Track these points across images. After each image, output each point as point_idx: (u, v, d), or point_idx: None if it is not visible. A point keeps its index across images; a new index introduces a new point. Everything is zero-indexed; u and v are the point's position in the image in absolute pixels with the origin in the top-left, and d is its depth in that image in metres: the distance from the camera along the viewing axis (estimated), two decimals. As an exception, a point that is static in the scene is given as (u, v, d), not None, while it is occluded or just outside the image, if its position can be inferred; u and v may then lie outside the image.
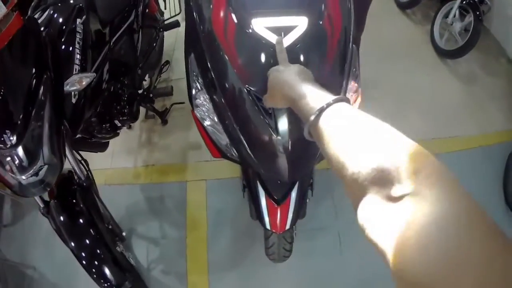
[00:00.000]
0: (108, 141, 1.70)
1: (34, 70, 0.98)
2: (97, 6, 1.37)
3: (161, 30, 2.14)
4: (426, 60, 2.78)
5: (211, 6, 1.01)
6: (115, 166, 2.11)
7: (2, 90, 0.89)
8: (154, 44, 2.10)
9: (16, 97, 0.93)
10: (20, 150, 0.92)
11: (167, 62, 2.25)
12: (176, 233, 1.85)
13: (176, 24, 2.15)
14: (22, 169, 0.94)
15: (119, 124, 1.66)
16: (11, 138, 0.90)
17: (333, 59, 0.95)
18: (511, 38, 3.02)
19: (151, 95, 1.93)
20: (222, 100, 0.97)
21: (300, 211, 1.15)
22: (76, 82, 1.07)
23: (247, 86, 0.92)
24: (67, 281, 1.79)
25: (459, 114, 2.46)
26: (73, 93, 1.12)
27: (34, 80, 0.97)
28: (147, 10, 1.99)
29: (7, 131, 0.89)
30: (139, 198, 1.98)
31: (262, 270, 1.71)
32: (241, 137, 0.96)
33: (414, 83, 2.57)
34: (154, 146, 2.20)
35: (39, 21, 1.11)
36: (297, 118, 0.89)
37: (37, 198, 1.19)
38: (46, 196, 1.23)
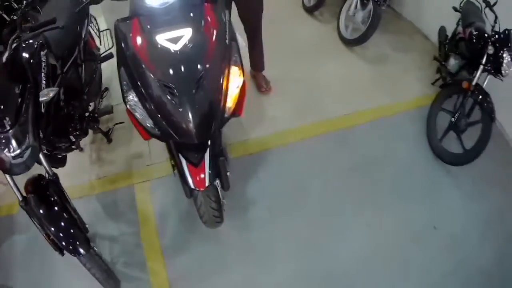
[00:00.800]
0: (66, 157, 2.06)
1: (21, 82, 1.46)
2: (51, 44, 1.85)
3: (99, 62, 2.58)
4: (335, 52, 3.35)
5: (131, 34, 1.50)
6: (73, 184, 2.39)
7: (4, 96, 1.38)
8: (94, 75, 2.53)
9: (11, 98, 1.40)
10: (12, 133, 1.35)
11: (106, 89, 2.69)
12: (131, 229, 2.20)
13: (110, 56, 2.62)
14: (12, 149, 1.34)
15: (73, 139, 2.06)
16: (8, 124, 1.34)
17: (213, 53, 1.46)
18: (424, 16, 3.59)
19: (96, 115, 2.33)
20: (144, 93, 1.44)
21: (214, 170, 1.57)
22: (46, 94, 1.51)
23: (159, 80, 1.38)
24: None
25: (372, 89, 2.97)
26: (42, 104, 1.55)
27: (22, 88, 1.45)
28: (86, 47, 2.44)
29: (6, 118, 1.34)
30: (97, 206, 2.31)
31: (207, 244, 2.10)
32: (159, 116, 1.41)
33: (325, 72, 3.12)
34: (103, 162, 2.58)
35: None
36: (195, 95, 1.35)
37: (17, 194, 1.55)
38: (23, 193, 1.58)
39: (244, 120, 2.71)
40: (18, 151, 1.36)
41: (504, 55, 2.20)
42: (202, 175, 1.53)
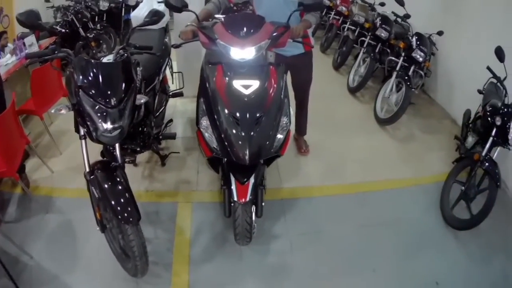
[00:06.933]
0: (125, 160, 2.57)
1: (128, 80, 1.97)
2: (141, 65, 2.49)
3: (170, 95, 3.25)
4: (368, 129, 4.02)
5: (216, 73, 2.11)
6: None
7: (117, 82, 1.89)
8: (163, 106, 3.20)
9: (119, 88, 1.89)
10: (113, 111, 1.83)
11: (171, 120, 3.33)
12: (167, 236, 2.65)
13: (181, 94, 3.32)
14: (110, 121, 1.80)
15: (137, 149, 2.63)
16: (113, 102, 1.83)
17: (271, 103, 2.05)
18: (454, 101, 4.22)
19: (160, 137, 2.93)
20: (216, 119, 2.00)
21: (254, 192, 2.07)
22: (139, 99, 2.10)
23: (230, 112, 1.96)
24: (63, 274, 2.35)
25: (395, 163, 3.49)
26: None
27: (127, 84, 1.95)
28: (162, 81, 3.14)
29: (113, 97, 1.83)
30: (140, 211, 2.79)
31: (229, 261, 2.49)
32: (224, 138, 1.97)
33: (357, 144, 3.75)
34: (153, 179, 3.16)
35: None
36: (253, 129, 1.89)
37: (86, 164, 1.97)
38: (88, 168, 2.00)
39: (281, 172, 3.30)
40: (111, 126, 1.80)
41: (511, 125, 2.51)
42: (245, 191, 2.04)
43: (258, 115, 1.98)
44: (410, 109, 4.23)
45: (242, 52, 2.08)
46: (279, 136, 2.10)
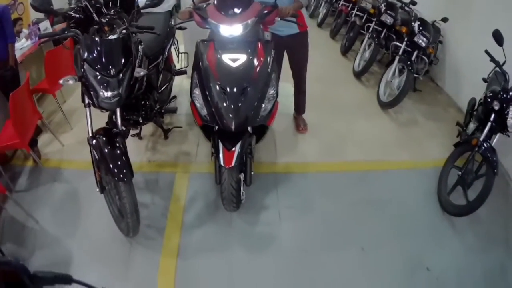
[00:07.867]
0: (129, 131, 2.74)
1: (127, 54, 2.18)
2: (143, 45, 2.66)
3: (174, 74, 3.43)
4: (370, 112, 4.08)
5: (207, 49, 2.27)
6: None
7: (117, 56, 2.10)
8: (168, 83, 3.37)
9: (119, 60, 2.12)
10: (112, 80, 2.06)
11: (175, 97, 3.50)
12: (163, 202, 2.84)
13: (184, 72, 3.49)
14: (109, 89, 2.04)
15: (140, 120, 2.81)
16: (113, 72, 2.06)
17: (257, 75, 2.19)
18: (461, 90, 4.18)
19: (163, 111, 3.11)
20: (206, 90, 2.17)
21: (241, 159, 2.23)
22: (138, 72, 2.28)
23: (218, 83, 2.12)
24: (65, 237, 2.55)
25: (395, 145, 3.54)
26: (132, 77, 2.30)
27: (126, 58, 2.16)
28: (167, 60, 3.32)
29: (113, 68, 2.06)
30: (140, 179, 3.00)
31: (219, 228, 2.64)
32: (213, 107, 2.13)
33: (357, 126, 3.82)
34: (156, 151, 3.36)
35: None
36: (240, 98, 2.05)
37: (89, 129, 2.19)
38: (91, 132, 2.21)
39: (278, 147, 3.43)
40: (110, 94, 2.04)
41: (510, 111, 2.49)
42: (231, 157, 2.19)
43: (244, 85, 2.13)
44: (416, 95, 4.32)
45: (230, 29, 2.23)
46: (265, 106, 2.24)
